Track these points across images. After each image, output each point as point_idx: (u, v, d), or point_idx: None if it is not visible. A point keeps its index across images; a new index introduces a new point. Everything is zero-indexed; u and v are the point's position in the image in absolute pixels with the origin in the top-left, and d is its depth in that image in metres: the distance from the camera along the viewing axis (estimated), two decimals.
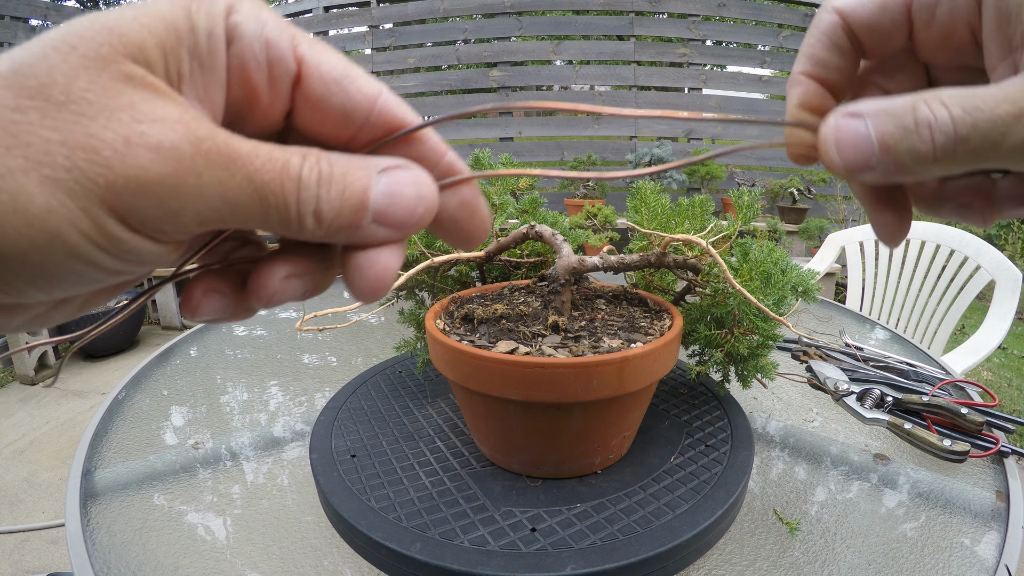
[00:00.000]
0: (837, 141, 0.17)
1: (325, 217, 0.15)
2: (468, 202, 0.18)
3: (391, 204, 0.16)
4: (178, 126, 0.13)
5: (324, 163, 0.15)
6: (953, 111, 0.16)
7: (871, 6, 0.19)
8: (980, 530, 0.47)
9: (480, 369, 0.41)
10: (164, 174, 0.13)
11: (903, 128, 0.16)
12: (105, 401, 0.71)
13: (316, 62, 0.16)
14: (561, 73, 3.75)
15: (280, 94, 0.16)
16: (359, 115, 0.17)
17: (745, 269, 0.51)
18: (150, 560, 0.45)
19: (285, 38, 0.16)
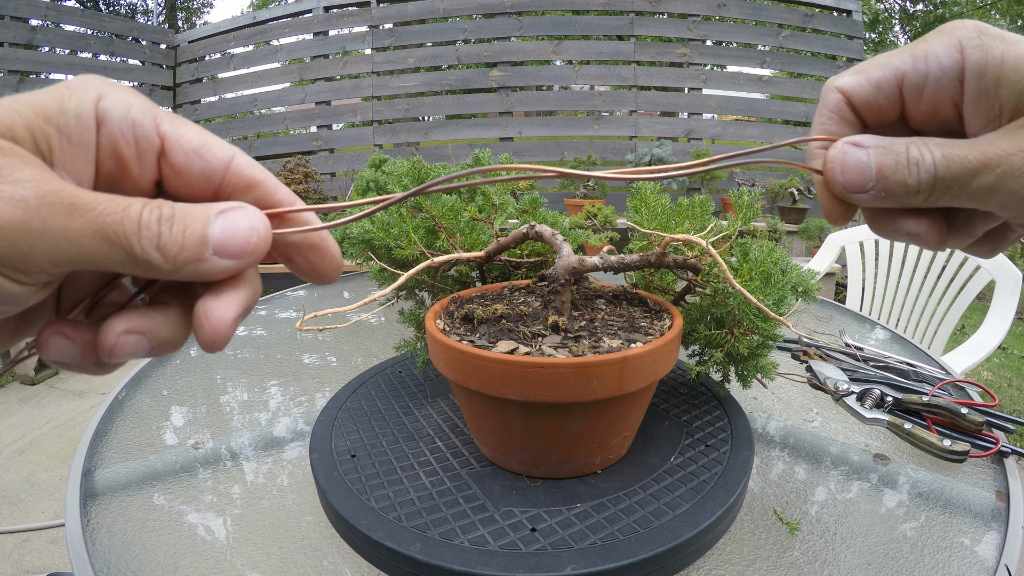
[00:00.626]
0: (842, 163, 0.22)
1: (169, 251, 0.17)
2: (316, 244, 0.21)
3: (228, 237, 0.18)
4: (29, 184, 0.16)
5: (166, 207, 0.18)
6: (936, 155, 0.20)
7: (868, 87, 0.23)
8: (980, 530, 0.47)
9: (480, 369, 0.41)
10: (14, 220, 0.15)
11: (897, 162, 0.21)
12: (105, 401, 0.71)
13: (176, 136, 0.19)
14: (561, 73, 3.74)
15: (148, 165, 0.19)
16: (216, 176, 0.20)
17: (745, 269, 0.51)
18: (150, 560, 0.45)
19: (148, 118, 0.19)
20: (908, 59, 0.22)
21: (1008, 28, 7.29)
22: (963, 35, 0.21)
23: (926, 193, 0.21)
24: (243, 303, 0.19)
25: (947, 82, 0.22)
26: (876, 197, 0.22)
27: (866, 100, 0.23)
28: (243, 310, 0.19)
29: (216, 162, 0.20)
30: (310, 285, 1.34)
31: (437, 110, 3.80)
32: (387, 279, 0.65)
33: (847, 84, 0.23)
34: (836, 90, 0.23)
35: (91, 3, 9.74)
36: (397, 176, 0.61)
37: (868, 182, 0.21)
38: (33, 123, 0.17)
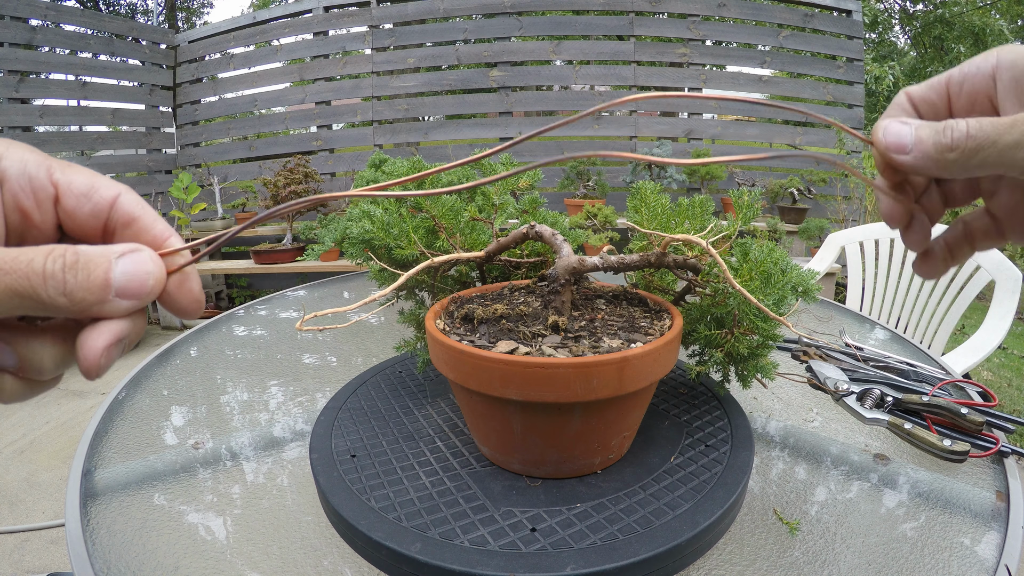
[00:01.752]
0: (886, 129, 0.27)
1: (75, 295, 0.20)
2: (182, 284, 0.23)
3: (128, 281, 0.21)
4: None
5: (70, 254, 0.20)
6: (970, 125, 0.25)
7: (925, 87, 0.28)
8: (980, 530, 0.47)
9: (480, 369, 0.41)
10: None
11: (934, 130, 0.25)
12: (105, 401, 0.71)
13: (67, 183, 0.22)
14: (561, 73, 3.74)
15: (47, 212, 0.21)
16: (103, 214, 0.22)
17: (745, 269, 0.51)
18: (150, 560, 0.45)
19: (43, 170, 0.21)
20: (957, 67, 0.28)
21: (1008, 28, 7.29)
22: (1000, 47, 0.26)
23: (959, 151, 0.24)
24: (116, 333, 0.21)
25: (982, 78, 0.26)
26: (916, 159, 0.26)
27: (922, 96, 0.28)
28: (116, 339, 0.21)
29: (102, 201, 0.22)
30: (311, 285, 1.34)
31: (437, 110, 3.80)
32: (387, 279, 0.65)
33: (913, 88, 0.29)
34: (904, 93, 0.29)
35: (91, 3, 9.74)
36: (397, 176, 0.61)
37: (908, 145, 0.26)
38: None
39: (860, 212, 3.54)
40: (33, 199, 0.21)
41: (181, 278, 0.23)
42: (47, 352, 0.22)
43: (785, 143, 3.78)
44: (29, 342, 0.21)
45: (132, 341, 0.22)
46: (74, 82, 3.52)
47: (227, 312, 1.11)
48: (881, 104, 4.29)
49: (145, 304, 0.22)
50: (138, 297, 0.21)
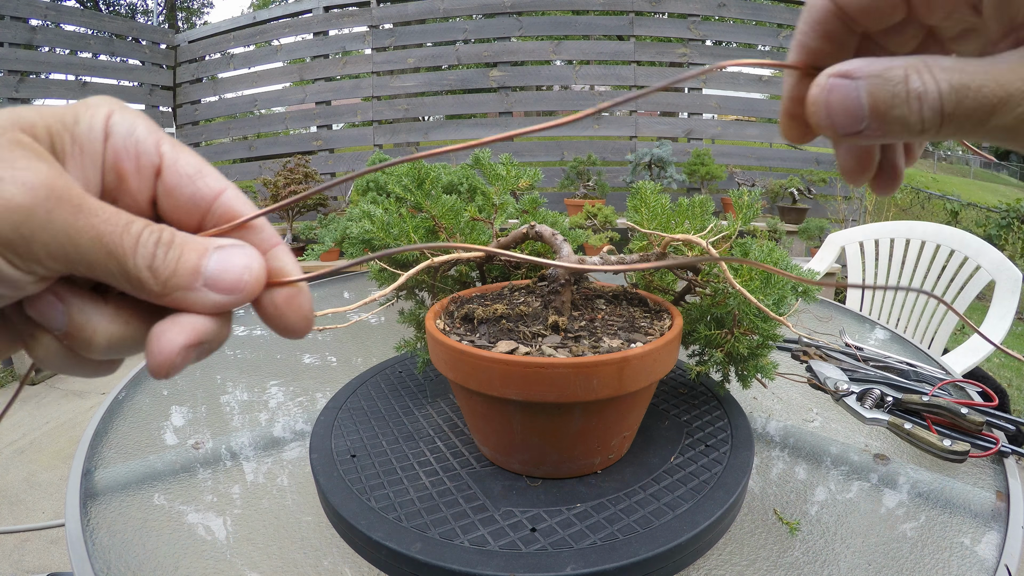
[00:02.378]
0: (828, 104, 0.18)
1: (160, 273, 0.18)
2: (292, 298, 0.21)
3: (222, 272, 0.19)
4: (42, 174, 0.16)
5: (167, 233, 0.18)
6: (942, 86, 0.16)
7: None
8: (980, 530, 0.47)
9: (480, 369, 0.41)
10: (21, 204, 0.16)
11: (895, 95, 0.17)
12: (105, 401, 0.71)
13: (174, 158, 0.20)
14: (561, 73, 3.74)
15: (145, 181, 0.20)
16: (204, 203, 0.20)
17: (745, 269, 0.51)
18: (150, 560, 0.45)
19: (151, 138, 0.20)
20: None
21: None
22: None
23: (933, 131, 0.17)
24: (199, 333, 0.19)
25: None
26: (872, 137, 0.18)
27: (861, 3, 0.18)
28: (197, 340, 0.19)
29: (207, 190, 0.20)
30: (312, 285, 1.34)
31: (437, 110, 3.80)
32: (387, 279, 0.65)
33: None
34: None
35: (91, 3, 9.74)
36: (397, 176, 0.61)
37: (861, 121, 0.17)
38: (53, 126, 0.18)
39: (860, 212, 3.54)
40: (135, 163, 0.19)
41: (291, 292, 0.21)
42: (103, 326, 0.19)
43: (785, 143, 3.78)
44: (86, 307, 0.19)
45: (212, 348, 0.20)
46: (74, 82, 3.52)
47: None
48: None
49: (236, 304, 0.19)
50: (230, 292, 0.19)
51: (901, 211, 6.14)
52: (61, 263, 0.17)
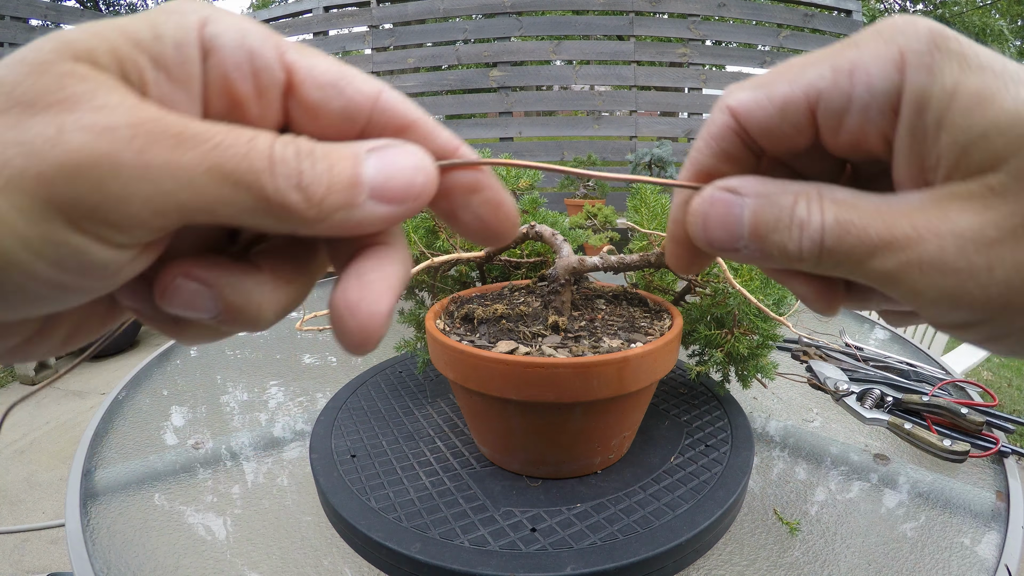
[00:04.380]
0: (706, 215, 0.17)
1: (315, 192, 0.13)
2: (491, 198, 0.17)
3: (388, 176, 0.15)
4: (118, 109, 0.12)
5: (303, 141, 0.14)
6: (827, 218, 0.15)
7: (770, 109, 0.17)
8: (980, 530, 0.47)
9: (480, 369, 0.41)
10: (99, 153, 0.11)
11: (778, 220, 0.16)
12: (105, 401, 0.71)
13: (308, 68, 0.15)
14: (561, 73, 3.74)
15: (270, 105, 0.15)
16: (360, 116, 0.16)
17: (745, 269, 0.51)
18: (150, 560, 0.45)
19: (270, 47, 0.15)
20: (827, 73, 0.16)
21: (1008, 28, 7.27)
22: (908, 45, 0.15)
23: (812, 262, 0.16)
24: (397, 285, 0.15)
25: (877, 111, 0.15)
26: (750, 259, 0.17)
27: (765, 126, 0.17)
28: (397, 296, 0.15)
29: (360, 97, 0.15)
30: None
31: (437, 110, 3.80)
32: None
33: (741, 103, 0.17)
34: (726, 110, 0.17)
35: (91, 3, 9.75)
36: None
37: (739, 240, 0.16)
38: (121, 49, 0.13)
39: None
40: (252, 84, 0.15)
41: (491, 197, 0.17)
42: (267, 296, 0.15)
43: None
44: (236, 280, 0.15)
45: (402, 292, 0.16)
46: None
47: None
48: None
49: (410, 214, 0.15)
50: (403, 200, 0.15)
51: None
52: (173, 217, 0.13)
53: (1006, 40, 7.13)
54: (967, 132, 0.14)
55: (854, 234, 0.15)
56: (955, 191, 0.14)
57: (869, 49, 0.15)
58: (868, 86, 0.15)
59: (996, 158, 0.14)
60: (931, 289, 0.14)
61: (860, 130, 0.16)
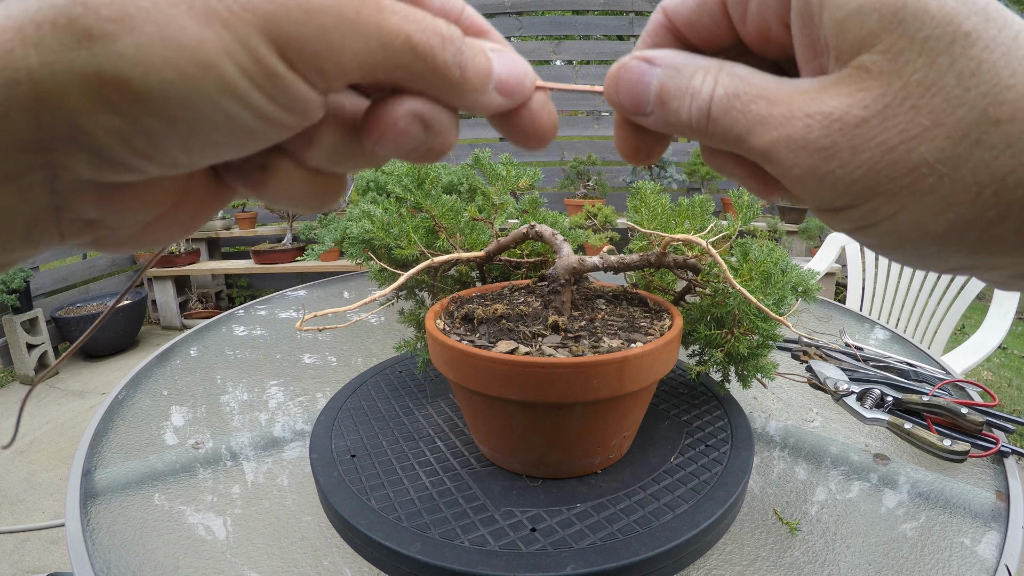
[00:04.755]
0: (619, 80, 0.18)
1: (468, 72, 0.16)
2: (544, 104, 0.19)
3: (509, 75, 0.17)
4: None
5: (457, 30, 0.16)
6: (718, 91, 0.16)
7: (691, 4, 0.18)
8: (980, 530, 0.47)
9: (480, 369, 0.41)
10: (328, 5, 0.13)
11: (679, 88, 0.17)
12: (105, 401, 0.71)
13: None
14: (561, 73, 3.75)
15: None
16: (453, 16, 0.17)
17: (745, 269, 0.51)
18: (150, 560, 0.45)
19: None
20: None
21: None
22: None
23: (701, 132, 0.17)
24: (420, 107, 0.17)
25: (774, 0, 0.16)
26: (659, 125, 0.18)
27: (688, 19, 0.18)
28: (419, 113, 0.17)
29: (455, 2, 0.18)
30: (311, 285, 1.34)
31: None
32: (387, 279, 0.65)
33: (669, 2, 0.19)
34: (660, 10, 0.19)
35: None
36: (397, 176, 0.61)
37: (647, 104, 0.17)
38: None
39: None
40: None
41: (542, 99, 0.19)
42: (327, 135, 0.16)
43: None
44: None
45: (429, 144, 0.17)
46: None
47: (227, 312, 1.11)
48: None
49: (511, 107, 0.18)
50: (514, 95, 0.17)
51: None
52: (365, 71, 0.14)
53: None
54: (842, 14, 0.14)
55: (738, 108, 0.16)
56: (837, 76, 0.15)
57: None
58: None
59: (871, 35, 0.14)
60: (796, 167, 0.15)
61: (761, 17, 0.17)
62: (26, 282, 2.66)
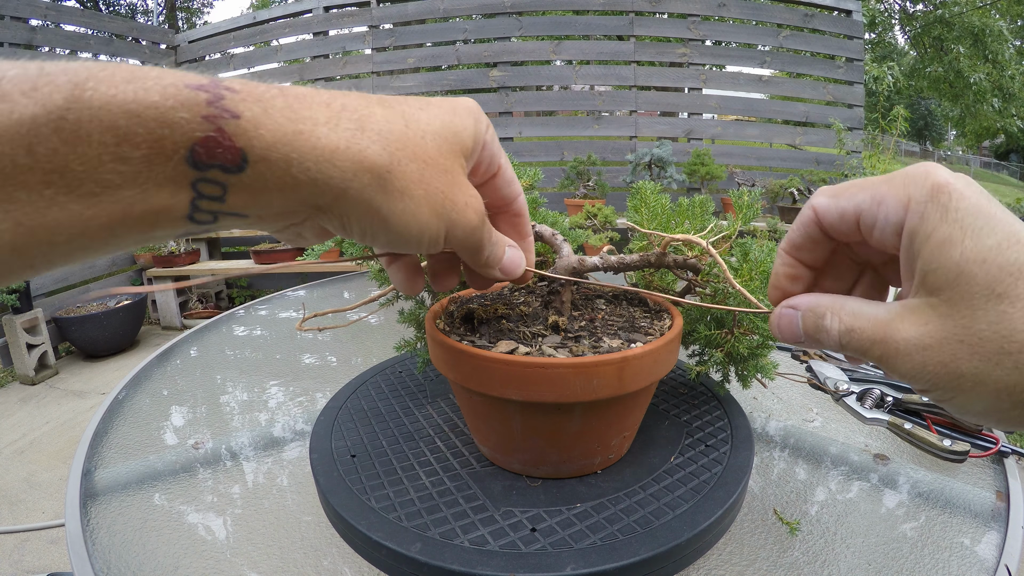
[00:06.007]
0: (779, 326, 0.28)
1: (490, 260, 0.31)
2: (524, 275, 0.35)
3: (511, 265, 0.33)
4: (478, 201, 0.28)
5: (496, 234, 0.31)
6: (841, 327, 0.25)
7: (835, 213, 0.26)
8: (980, 530, 0.47)
9: (480, 369, 0.41)
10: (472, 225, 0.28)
11: (817, 327, 0.26)
12: (105, 401, 0.71)
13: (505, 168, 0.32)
14: (561, 73, 3.75)
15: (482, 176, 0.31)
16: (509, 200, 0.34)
17: (745, 269, 0.51)
18: (150, 560, 0.45)
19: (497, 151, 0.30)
20: (868, 199, 0.24)
21: (1007, 28, 7.26)
22: (915, 193, 0.22)
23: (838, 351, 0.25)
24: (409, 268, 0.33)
25: (891, 233, 0.23)
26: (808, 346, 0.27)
27: (832, 223, 0.26)
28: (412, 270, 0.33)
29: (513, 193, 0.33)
30: (311, 285, 1.34)
31: None
32: (387, 279, 0.65)
33: (820, 205, 0.26)
34: (811, 207, 0.26)
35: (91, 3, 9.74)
36: None
37: (800, 336, 0.27)
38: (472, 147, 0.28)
39: None
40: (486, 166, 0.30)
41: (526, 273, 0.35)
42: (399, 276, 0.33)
43: (785, 143, 3.78)
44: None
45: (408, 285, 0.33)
46: None
47: (227, 312, 1.11)
48: (881, 104, 4.27)
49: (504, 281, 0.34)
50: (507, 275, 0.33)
51: None
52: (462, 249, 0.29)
53: (1005, 40, 7.13)
54: (927, 265, 0.22)
55: (855, 338, 0.24)
56: (913, 305, 0.23)
57: (894, 189, 0.23)
58: (886, 216, 0.23)
59: (939, 287, 0.21)
60: (897, 370, 0.23)
61: (882, 240, 0.24)
62: (26, 282, 2.66)
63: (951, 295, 0.21)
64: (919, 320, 0.22)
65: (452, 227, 0.26)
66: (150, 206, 0.19)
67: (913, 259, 0.22)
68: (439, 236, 0.26)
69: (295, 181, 0.21)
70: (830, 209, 0.26)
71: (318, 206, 0.23)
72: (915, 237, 0.22)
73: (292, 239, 0.27)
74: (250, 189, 0.21)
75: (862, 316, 0.24)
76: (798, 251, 0.28)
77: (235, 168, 0.20)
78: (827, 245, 0.27)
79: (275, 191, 0.21)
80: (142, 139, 0.18)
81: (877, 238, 0.24)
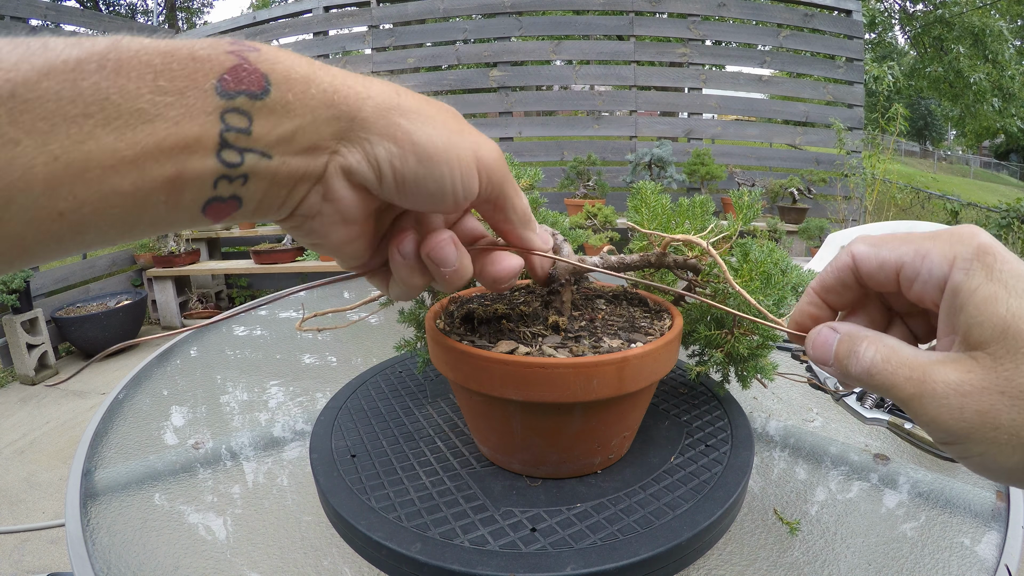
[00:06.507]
0: (814, 343, 0.27)
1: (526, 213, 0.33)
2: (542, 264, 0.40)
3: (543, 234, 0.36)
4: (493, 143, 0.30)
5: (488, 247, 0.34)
6: (876, 357, 0.24)
7: (874, 263, 0.26)
8: (980, 530, 0.47)
9: (480, 369, 0.41)
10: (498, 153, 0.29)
11: (850, 352, 0.25)
12: (105, 401, 0.71)
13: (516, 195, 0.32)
14: (561, 73, 3.75)
15: None
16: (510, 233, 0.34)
17: (745, 269, 0.51)
18: (150, 560, 0.45)
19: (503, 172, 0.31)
20: (912, 252, 0.24)
21: (1007, 28, 7.26)
22: (961, 251, 0.23)
23: (864, 383, 0.25)
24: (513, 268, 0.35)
25: (932, 287, 0.24)
26: (835, 373, 0.26)
27: (871, 272, 0.26)
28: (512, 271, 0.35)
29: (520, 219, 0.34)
30: (310, 285, 1.34)
31: None
32: None
33: (860, 253, 0.26)
34: (850, 254, 0.27)
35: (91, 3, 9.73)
36: None
37: (830, 358, 0.26)
38: None
39: (860, 212, 3.54)
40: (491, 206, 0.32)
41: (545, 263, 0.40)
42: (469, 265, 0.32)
43: (785, 143, 3.78)
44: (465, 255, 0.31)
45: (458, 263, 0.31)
46: None
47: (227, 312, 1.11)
48: (881, 104, 4.27)
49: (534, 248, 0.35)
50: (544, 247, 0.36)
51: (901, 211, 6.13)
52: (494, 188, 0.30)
53: (1005, 40, 7.13)
54: (972, 319, 0.22)
55: (888, 371, 0.24)
56: (956, 356, 0.23)
57: (939, 245, 0.24)
58: (930, 270, 0.24)
59: (984, 341, 0.22)
60: (925, 414, 0.23)
61: (922, 293, 0.24)
62: (26, 282, 2.66)
63: (995, 349, 0.22)
64: (961, 368, 0.22)
65: (479, 150, 0.27)
66: (181, 138, 0.20)
67: (956, 313, 0.23)
68: (471, 162, 0.26)
69: (315, 102, 0.23)
70: (870, 258, 0.26)
71: (340, 134, 0.24)
72: (959, 292, 0.23)
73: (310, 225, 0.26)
74: (275, 114, 0.22)
75: (901, 352, 0.24)
76: (827, 293, 0.28)
77: (260, 92, 0.21)
78: (857, 291, 0.28)
79: (297, 115, 0.22)
80: (177, 73, 0.20)
81: (917, 291, 0.25)
